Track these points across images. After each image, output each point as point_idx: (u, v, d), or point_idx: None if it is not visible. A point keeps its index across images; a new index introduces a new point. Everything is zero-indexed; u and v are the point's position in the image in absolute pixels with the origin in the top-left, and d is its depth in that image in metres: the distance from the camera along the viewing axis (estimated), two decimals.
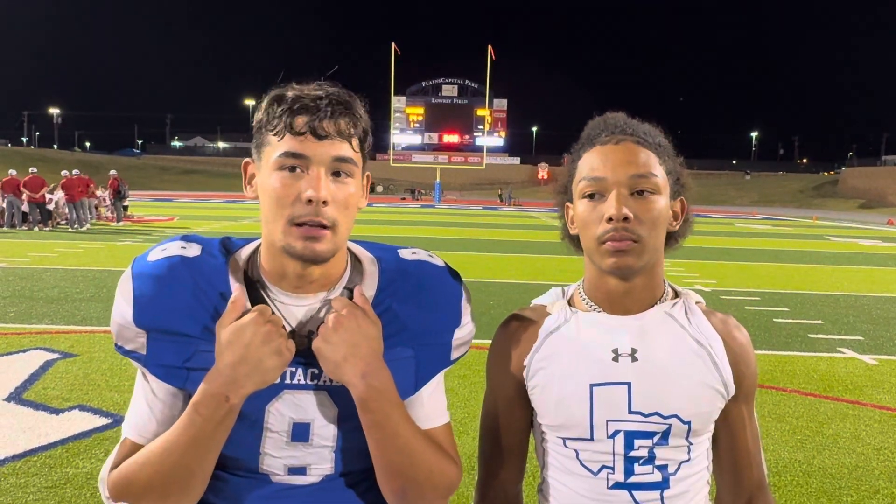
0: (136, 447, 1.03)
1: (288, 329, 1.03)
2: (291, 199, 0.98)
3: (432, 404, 1.12)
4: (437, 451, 1.07)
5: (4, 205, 18.03)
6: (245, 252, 1.09)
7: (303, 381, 1.02)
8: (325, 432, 1.04)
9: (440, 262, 1.14)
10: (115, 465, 1.03)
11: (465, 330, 1.12)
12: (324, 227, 0.98)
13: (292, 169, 0.98)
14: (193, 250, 1.05)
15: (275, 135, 1.00)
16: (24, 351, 5.70)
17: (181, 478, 0.98)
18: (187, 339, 1.00)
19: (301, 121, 0.98)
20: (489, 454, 1.25)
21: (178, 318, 1.00)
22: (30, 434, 3.95)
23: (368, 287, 1.07)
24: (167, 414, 1.04)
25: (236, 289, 1.01)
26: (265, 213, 1.02)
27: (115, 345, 1.05)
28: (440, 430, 1.12)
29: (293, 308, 1.04)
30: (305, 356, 1.01)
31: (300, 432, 1.03)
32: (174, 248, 1.05)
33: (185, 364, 1.00)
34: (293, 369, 1.02)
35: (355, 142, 1.02)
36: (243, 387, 0.95)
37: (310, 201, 0.97)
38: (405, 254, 1.14)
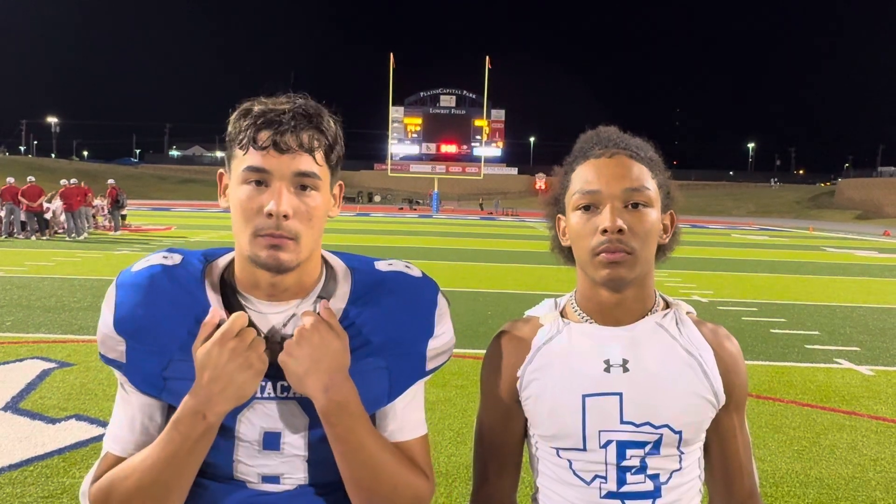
0: (116, 460, 1.04)
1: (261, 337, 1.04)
2: (255, 212, 1.00)
3: (406, 416, 1.11)
4: (405, 465, 1.07)
5: (3, 213, 18.01)
6: (222, 262, 1.11)
7: (273, 394, 1.04)
8: (296, 442, 1.05)
9: (416, 273, 1.15)
10: (96, 479, 1.04)
11: (440, 340, 1.11)
12: (286, 237, 1.00)
13: (257, 183, 1.01)
14: (174, 259, 1.08)
15: (240, 148, 1.02)
16: (21, 360, 5.69)
17: (159, 493, 0.99)
18: (164, 346, 1.02)
19: (264, 135, 1.01)
20: (484, 464, 1.26)
21: (157, 324, 1.02)
22: (26, 443, 3.94)
23: (340, 298, 1.08)
24: (148, 426, 1.05)
25: (212, 309, 1.02)
26: (234, 224, 1.04)
27: (99, 353, 1.08)
28: (414, 444, 1.11)
29: (267, 316, 1.06)
30: (274, 369, 1.02)
31: (271, 441, 1.04)
32: (156, 259, 1.08)
33: (162, 373, 1.02)
34: (263, 383, 1.03)
35: (319, 155, 1.04)
36: (218, 405, 0.97)
37: (271, 215, 0.99)
38: (381, 265, 1.15)
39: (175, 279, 1.05)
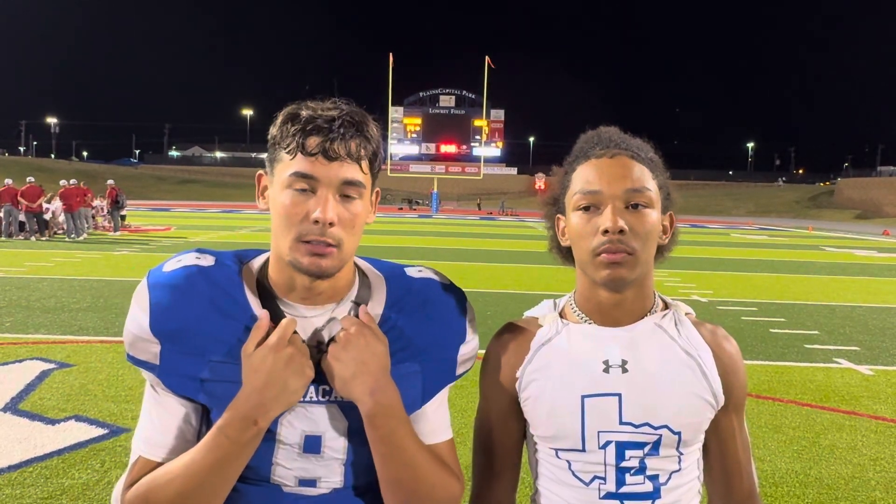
0: (149, 465, 1.03)
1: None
2: (300, 218, 1.00)
3: (437, 419, 1.14)
4: (440, 466, 1.09)
5: (2, 214, 17.99)
6: (257, 263, 1.11)
7: (315, 398, 1.04)
8: (336, 445, 1.06)
9: (446, 280, 1.18)
10: (130, 485, 1.03)
11: (469, 346, 1.15)
12: (330, 244, 1.01)
13: (302, 189, 1.01)
14: (208, 260, 1.07)
15: (287, 153, 1.02)
16: (21, 361, 5.68)
17: (202, 498, 0.99)
18: (203, 347, 1.01)
19: (313, 142, 1.00)
20: (483, 465, 1.26)
21: (195, 326, 1.01)
22: (25, 445, 3.94)
23: (376, 304, 1.10)
24: (184, 429, 1.04)
25: (263, 314, 1.02)
26: (275, 227, 1.04)
27: (128, 355, 1.06)
28: (443, 446, 1.14)
29: (303, 319, 1.06)
30: (317, 373, 1.02)
31: (312, 444, 1.05)
32: (189, 259, 1.07)
33: (199, 374, 1.01)
34: None
35: (365, 163, 1.05)
36: (271, 409, 0.98)
37: (317, 222, 0.99)
38: (412, 272, 1.17)
39: (212, 280, 1.04)
